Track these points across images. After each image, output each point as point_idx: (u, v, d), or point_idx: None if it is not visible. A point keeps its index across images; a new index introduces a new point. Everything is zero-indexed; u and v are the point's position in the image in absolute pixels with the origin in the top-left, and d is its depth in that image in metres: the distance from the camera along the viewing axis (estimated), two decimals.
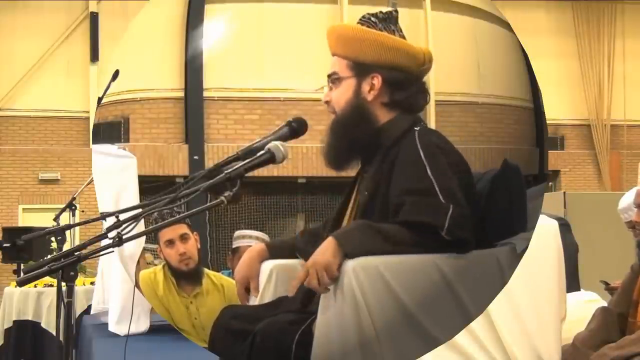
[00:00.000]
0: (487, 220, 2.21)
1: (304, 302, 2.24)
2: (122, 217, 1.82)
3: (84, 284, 6.06)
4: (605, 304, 2.90)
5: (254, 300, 2.46)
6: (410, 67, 2.35)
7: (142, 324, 4.12)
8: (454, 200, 2.09)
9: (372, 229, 2.07)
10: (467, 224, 2.10)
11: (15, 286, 6.18)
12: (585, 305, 3.04)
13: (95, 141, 6.38)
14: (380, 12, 2.40)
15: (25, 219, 12.59)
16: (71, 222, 4.57)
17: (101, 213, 3.12)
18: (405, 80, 2.34)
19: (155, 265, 4.03)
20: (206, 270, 3.93)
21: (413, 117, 2.34)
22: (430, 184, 2.11)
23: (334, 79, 2.38)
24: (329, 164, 2.41)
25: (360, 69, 2.34)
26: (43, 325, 6.14)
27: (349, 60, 2.36)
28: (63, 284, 1.96)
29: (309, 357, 2.04)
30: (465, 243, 2.10)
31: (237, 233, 4.32)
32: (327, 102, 2.40)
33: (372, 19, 2.37)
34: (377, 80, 2.32)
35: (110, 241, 1.75)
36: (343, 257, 2.02)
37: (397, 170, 2.20)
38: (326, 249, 2.03)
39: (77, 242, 8.40)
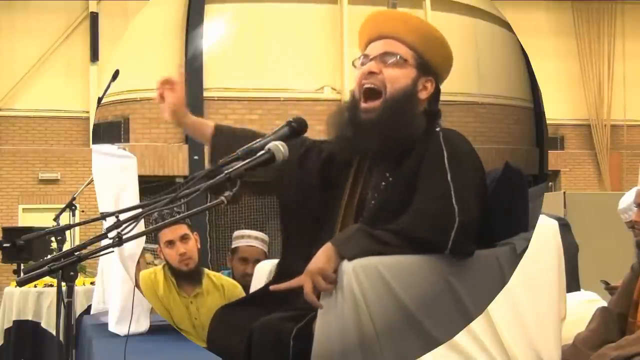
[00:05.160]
0: (488, 221, 2.21)
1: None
2: (122, 217, 1.81)
3: (84, 284, 6.06)
4: (605, 304, 2.90)
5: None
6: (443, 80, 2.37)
7: (142, 324, 4.12)
8: (467, 208, 2.06)
9: (372, 235, 2.05)
10: (471, 238, 2.08)
11: (15, 286, 6.18)
12: (585, 305, 3.04)
13: (95, 141, 6.37)
14: None
15: (25, 219, 12.58)
16: (71, 222, 4.57)
17: (101, 213, 3.11)
18: (440, 92, 2.35)
19: (155, 265, 4.03)
20: (206, 270, 3.93)
21: (430, 119, 2.32)
22: (448, 192, 2.08)
23: (396, 60, 2.28)
24: (349, 153, 2.35)
25: (424, 67, 2.31)
26: (43, 325, 6.14)
27: (417, 54, 2.30)
28: (63, 284, 1.96)
29: (307, 352, 2.04)
30: (468, 255, 2.10)
31: (237, 233, 4.31)
32: (371, 73, 2.28)
33: None
34: (431, 85, 2.32)
35: (110, 241, 1.74)
36: (339, 260, 2.00)
37: (421, 176, 2.16)
38: (321, 254, 2.01)
39: (77, 242, 8.39)
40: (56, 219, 4.84)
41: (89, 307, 5.30)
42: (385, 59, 2.29)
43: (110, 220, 1.83)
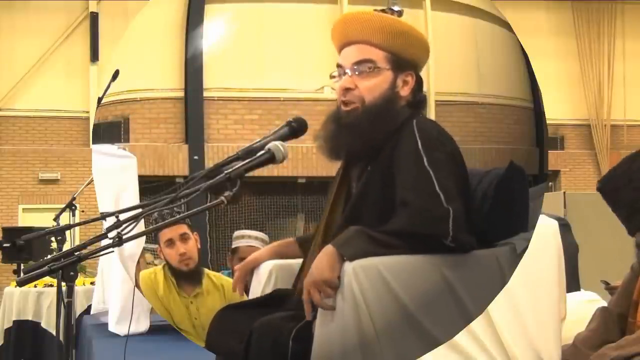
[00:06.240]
0: (488, 221, 2.21)
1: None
2: (122, 217, 1.81)
3: (84, 284, 6.06)
4: (605, 304, 2.89)
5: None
6: (422, 68, 2.36)
7: (142, 324, 4.12)
8: (452, 195, 2.06)
9: (372, 237, 2.04)
10: (467, 224, 2.08)
11: (15, 286, 6.18)
12: (585, 305, 3.04)
13: (95, 141, 6.38)
14: (390, 9, 2.38)
15: (25, 219, 12.59)
16: (71, 222, 4.57)
17: (101, 213, 3.11)
18: (422, 81, 2.35)
19: (155, 265, 4.03)
20: (206, 270, 3.93)
21: (412, 110, 2.32)
22: (429, 179, 2.08)
23: (369, 68, 2.27)
24: (335, 154, 2.36)
25: (399, 64, 2.30)
26: (43, 325, 6.14)
27: (390, 53, 2.29)
28: (63, 284, 1.96)
29: (306, 353, 2.03)
30: (469, 247, 2.10)
31: (237, 233, 4.31)
32: (347, 89, 2.28)
33: (396, 14, 2.36)
34: (411, 78, 2.31)
35: (110, 241, 1.74)
36: (341, 265, 2.00)
37: (397, 163, 2.18)
38: (324, 261, 2.00)
39: (77, 242, 8.40)
40: (56, 219, 4.84)
41: (89, 307, 5.31)
42: (359, 68, 2.28)
43: (110, 220, 1.83)
